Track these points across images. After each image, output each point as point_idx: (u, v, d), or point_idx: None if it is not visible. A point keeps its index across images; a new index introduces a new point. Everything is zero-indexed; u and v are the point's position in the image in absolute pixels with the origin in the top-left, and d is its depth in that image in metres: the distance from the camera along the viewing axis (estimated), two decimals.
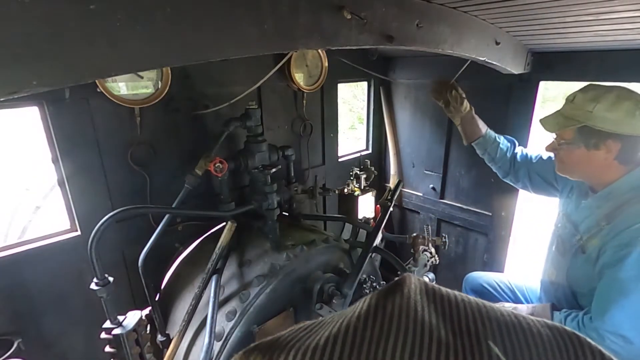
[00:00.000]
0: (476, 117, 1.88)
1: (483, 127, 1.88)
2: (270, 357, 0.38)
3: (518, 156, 1.82)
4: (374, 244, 1.63)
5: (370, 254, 1.60)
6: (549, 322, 0.39)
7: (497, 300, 1.85)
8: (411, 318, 0.38)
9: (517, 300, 1.86)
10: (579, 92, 1.28)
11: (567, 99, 1.32)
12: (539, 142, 2.12)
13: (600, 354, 0.39)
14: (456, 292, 0.42)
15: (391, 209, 1.80)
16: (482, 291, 1.94)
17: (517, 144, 1.89)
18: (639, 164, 1.26)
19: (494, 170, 1.92)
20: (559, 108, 1.35)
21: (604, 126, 1.19)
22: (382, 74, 2.70)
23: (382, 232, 1.76)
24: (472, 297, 0.42)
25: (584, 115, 1.23)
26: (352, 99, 8.32)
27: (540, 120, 1.37)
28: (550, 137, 1.40)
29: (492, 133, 1.89)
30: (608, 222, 1.26)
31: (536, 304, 1.60)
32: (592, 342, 0.40)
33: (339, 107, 2.56)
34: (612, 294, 1.18)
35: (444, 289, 0.43)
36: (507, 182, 1.90)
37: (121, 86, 1.47)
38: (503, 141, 1.87)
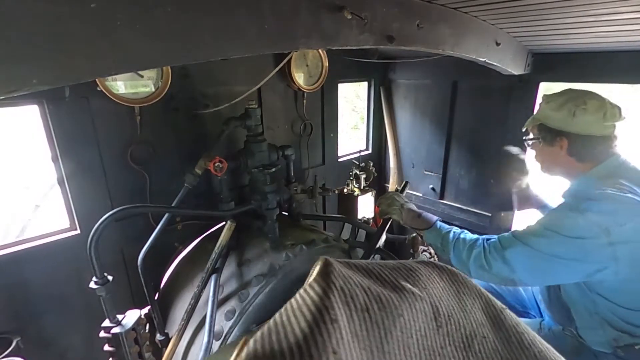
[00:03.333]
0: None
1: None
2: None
3: None
4: (378, 245, 1.62)
5: (372, 255, 1.60)
6: (427, 260, 0.61)
7: (502, 297, 1.87)
8: (352, 285, 0.52)
9: (521, 299, 1.87)
10: (545, 95, 1.45)
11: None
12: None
13: (452, 271, 0.60)
14: (361, 261, 0.58)
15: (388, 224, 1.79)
16: (488, 287, 1.94)
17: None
18: (599, 161, 1.33)
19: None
20: None
21: (553, 124, 1.36)
22: (382, 74, 2.70)
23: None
24: (372, 260, 0.61)
25: (541, 114, 1.41)
26: (356, 99, 8.29)
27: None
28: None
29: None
30: None
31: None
32: (444, 265, 0.61)
33: (342, 107, 2.56)
34: (527, 231, 1.31)
35: (353, 261, 0.59)
36: None
37: (119, 85, 1.46)
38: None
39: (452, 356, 0.51)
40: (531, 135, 1.46)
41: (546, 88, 2.09)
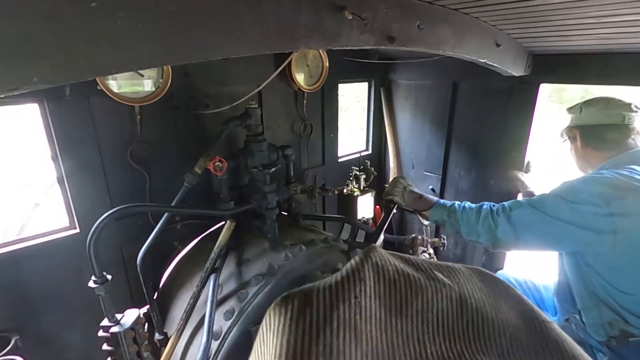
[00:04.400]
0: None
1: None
2: (305, 294, 0.56)
3: None
4: (376, 245, 1.62)
5: None
6: (466, 265, 0.67)
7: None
8: (387, 262, 0.61)
9: (540, 299, 1.93)
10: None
11: None
12: (537, 145, 2.13)
13: (494, 277, 0.66)
14: (407, 255, 0.67)
15: (394, 210, 1.80)
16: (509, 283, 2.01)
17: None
18: (617, 151, 1.44)
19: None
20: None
21: (571, 123, 1.58)
22: (382, 74, 2.70)
23: (382, 233, 1.76)
24: (410, 255, 0.66)
25: (568, 120, 1.61)
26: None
27: None
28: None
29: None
30: None
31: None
32: (490, 272, 0.67)
33: (354, 107, 2.56)
34: (536, 196, 1.44)
35: (399, 253, 0.68)
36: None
37: (112, 84, 1.44)
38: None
39: (473, 341, 0.58)
40: (562, 139, 1.65)
41: (563, 89, 2.09)
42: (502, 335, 0.59)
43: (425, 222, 1.75)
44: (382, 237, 1.69)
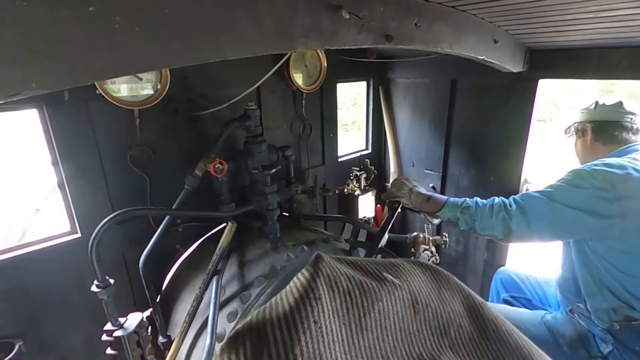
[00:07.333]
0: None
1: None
2: (258, 331, 0.50)
3: None
4: (380, 245, 1.62)
5: (374, 255, 1.60)
6: (413, 259, 0.66)
7: (522, 292, 2.01)
8: (338, 272, 0.58)
9: (542, 294, 1.96)
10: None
11: None
12: (537, 141, 2.13)
13: (434, 268, 0.66)
14: (351, 257, 0.65)
15: (399, 210, 1.80)
16: (510, 282, 2.06)
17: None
18: (619, 144, 1.51)
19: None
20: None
21: (582, 119, 1.64)
22: (381, 73, 2.70)
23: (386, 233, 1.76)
24: (362, 257, 0.68)
25: (577, 117, 1.68)
26: None
27: None
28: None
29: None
30: None
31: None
32: (429, 263, 0.67)
33: (361, 106, 2.56)
34: (544, 190, 1.45)
35: (344, 257, 0.65)
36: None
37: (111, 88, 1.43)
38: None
39: (428, 339, 0.59)
40: (567, 134, 1.73)
41: (603, 91, 2.09)
42: (450, 326, 0.61)
43: (436, 221, 1.73)
44: (386, 236, 1.69)
